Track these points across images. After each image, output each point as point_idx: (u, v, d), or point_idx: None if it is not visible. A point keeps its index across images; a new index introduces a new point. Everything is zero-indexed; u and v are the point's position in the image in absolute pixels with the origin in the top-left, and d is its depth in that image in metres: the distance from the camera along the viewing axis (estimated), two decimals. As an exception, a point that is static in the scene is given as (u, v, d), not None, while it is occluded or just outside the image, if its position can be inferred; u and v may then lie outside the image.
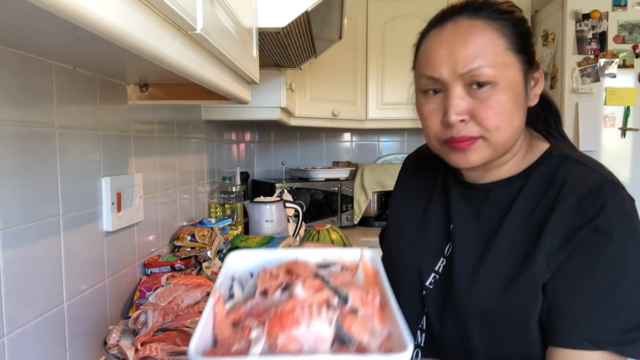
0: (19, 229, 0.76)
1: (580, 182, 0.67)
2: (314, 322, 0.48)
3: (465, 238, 0.77)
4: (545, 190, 0.70)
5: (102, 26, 0.42)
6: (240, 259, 0.64)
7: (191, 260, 1.35)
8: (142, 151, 1.25)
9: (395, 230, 0.90)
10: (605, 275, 0.64)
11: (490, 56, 0.67)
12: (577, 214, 0.65)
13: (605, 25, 2.24)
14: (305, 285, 0.52)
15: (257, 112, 1.82)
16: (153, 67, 0.86)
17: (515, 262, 0.69)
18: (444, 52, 0.69)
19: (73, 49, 0.75)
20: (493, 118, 0.67)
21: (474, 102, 0.68)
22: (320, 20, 1.27)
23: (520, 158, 0.76)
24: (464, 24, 0.69)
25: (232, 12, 0.79)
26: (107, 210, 1.03)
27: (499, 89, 0.67)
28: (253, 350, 0.46)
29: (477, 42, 0.67)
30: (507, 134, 0.69)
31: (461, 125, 0.69)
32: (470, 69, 0.67)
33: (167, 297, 0.85)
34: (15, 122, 0.75)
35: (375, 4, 2.61)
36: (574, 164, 0.72)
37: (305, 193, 2.47)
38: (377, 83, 2.65)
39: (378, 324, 0.51)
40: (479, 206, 0.77)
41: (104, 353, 0.80)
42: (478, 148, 0.70)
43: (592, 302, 0.64)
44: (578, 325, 0.64)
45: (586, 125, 2.26)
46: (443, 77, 0.69)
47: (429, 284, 0.80)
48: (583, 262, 0.65)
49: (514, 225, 0.71)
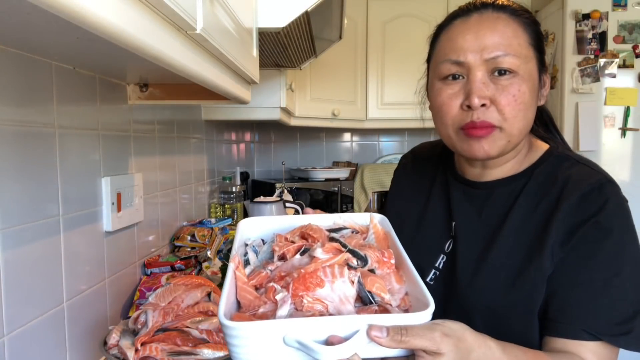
0: (19, 229, 0.76)
1: (582, 181, 0.70)
2: (337, 282, 0.49)
3: (468, 234, 0.78)
4: (548, 188, 0.73)
5: (102, 26, 0.42)
6: (251, 226, 0.65)
7: (191, 260, 1.35)
8: (142, 151, 1.25)
9: (394, 228, 0.90)
10: (603, 269, 0.66)
11: (514, 46, 0.70)
12: (580, 210, 0.68)
13: (605, 25, 2.24)
14: (324, 248, 0.54)
15: (257, 112, 1.82)
16: (153, 67, 0.86)
17: (520, 256, 0.71)
18: (471, 38, 0.71)
19: (73, 49, 0.75)
20: (513, 105, 0.69)
21: (495, 88, 0.70)
22: (320, 20, 1.27)
23: (522, 157, 0.78)
24: (490, 15, 0.72)
25: (232, 12, 0.79)
26: (107, 210, 1.03)
27: (519, 78, 0.70)
28: (280, 312, 0.47)
29: (504, 32, 0.70)
30: (522, 124, 0.71)
31: (482, 110, 0.70)
32: (497, 55, 0.69)
33: (167, 297, 0.85)
34: (15, 122, 0.75)
35: (375, 4, 2.61)
36: (575, 163, 0.74)
37: (305, 193, 2.47)
38: (377, 83, 2.65)
39: (395, 283, 0.52)
40: (482, 204, 0.79)
41: (104, 353, 0.80)
42: (494, 138, 0.71)
43: (590, 294, 0.66)
44: (576, 316, 0.66)
45: (586, 125, 2.26)
46: (469, 60, 0.71)
47: (430, 281, 0.82)
48: (583, 255, 0.67)
49: (518, 221, 0.73)
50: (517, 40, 0.70)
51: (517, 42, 0.70)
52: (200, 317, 0.82)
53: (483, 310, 0.73)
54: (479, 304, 0.74)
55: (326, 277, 0.49)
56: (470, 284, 0.75)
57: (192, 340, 0.79)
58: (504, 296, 0.72)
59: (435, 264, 0.82)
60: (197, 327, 0.80)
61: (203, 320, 0.82)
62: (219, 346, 0.78)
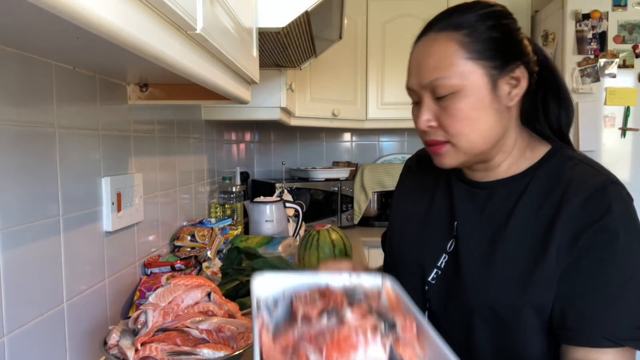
0: (19, 229, 0.76)
1: (586, 181, 0.70)
2: (370, 347, 0.50)
3: (470, 234, 0.79)
4: (551, 189, 0.73)
5: (102, 26, 0.42)
6: (265, 283, 0.66)
7: (191, 260, 1.35)
8: (142, 151, 1.25)
9: (398, 228, 0.93)
10: (617, 273, 0.66)
11: (447, 68, 0.72)
12: (584, 212, 0.68)
13: (605, 25, 2.24)
14: (353, 311, 0.54)
15: (257, 112, 1.82)
16: (153, 67, 0.86)
17: (523, 257, 0.72)
18: (414, 65, 0.77)
19: (73, 49, 0.75)
20: (454, 125, 0.73)
21: (439, 109, 0.74)
22: (320, 20, 1.27)
23: (517, 157, 0.79)
24: (429, 37, 0.75)
25: (232, 12, 0.79)
26: (107, 210, 1.03)
27: (459, 97, 0.72)
28: None
29: (436, 55, 0.73)
30: (473, 138, 0.74)
31: (431, 131, 0.76)
32: (430, 81, 0.73)
33: (167, 297, 0.85)
34: (15, 122, 0.75)
35: (375, 4, 2.61)
36: (578, 163, 0.75)
37: (305, 193, 2.47)
38: (377, 83, 2.65)
39: (419, 350, 0.53)
40: (484, 203, 0.80)
41: (104, 353, 0.80)
42: (448, 152, 0.76)
43: (606, 300, 0.66)
44: (595, 323, 0.66)
45: (586, 125, 2.26)
46: (414, 87, 0.77)
47: (432, 280, 0.82)
48: (593, 261, 0.67)
49: (521, 221, 0.74)
50: (451, 60, 0.72)
51: (451, 62, 0.71)
52: (200, 317, 0.82)
53: (484, 310, 0.74)
54: (480, 304, 0.74)
55: (359, 341, 0.50)
56: (472, 283, 0.75)
57: (192, 340, 0.79)
58: (505, 297, 0.72)
59: (437, 263, 0.83)
60: (197, 327, 0.80)
61: (203, 320, 0.82)
62: (219, 346, 0.78)
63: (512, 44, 0.74)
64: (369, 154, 3.08)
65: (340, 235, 1.53)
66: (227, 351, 0.77)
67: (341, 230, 1.57)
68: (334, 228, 1.56)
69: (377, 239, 1.08)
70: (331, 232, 1.52)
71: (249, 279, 1.16)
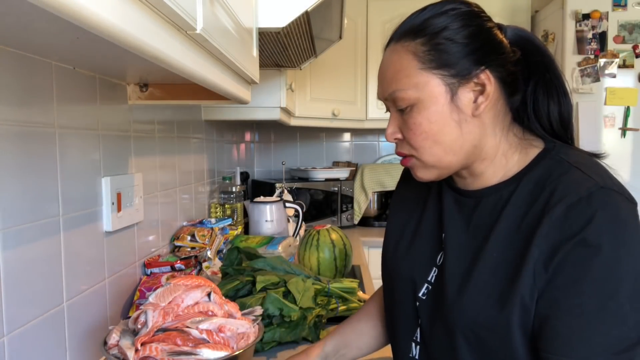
0: (19, 229, 0.76)
1: (570, 189, 0.62)
2: None
3: (455, 248, 0.73)
4: (535, 197, 0.66)
5: (102, 26, 0.42)
6: None
7: (191, 260, 1.35)
8: (142, 151, 1.25)
9: (393, 240, 0.88)
10: (595, 293, 0.58)
11: (401, 80, 0.69)
12: (565, 225, 0.60)
13: (605, 25, 2.24)
14: None
15: (257, 112, 1.82)
16: (153, 67, 0.86)
17: (503, 274, 0.65)
18: (378, 76, 0.76)
19: (73, 49, 0.75)
20: (414, 139, 0.70)
21: (403, 122, 0.72)
22: (320, 20, 1.27)
23: (504, 162, 0.72)
24: (390, 48, 0.73)
25: (232, 12, 0.79)
26: (107, 210, 1.03)
27: (417, 109, 0.69)
28: None
29: (393, 67, 0.71)
30: (435, 151, 0.70)
31: (398, 143, 0.75)
32: (389, 93, 0.71)
33: (167, 297, 0.85)
34: (15, 122, 0.75)
35: (375, 4, 2.61)
36: (568, 168, 0.66)
37: (305, 193, 2.47)
38: (377, 83, 2.65)
39: None
40: (470, 214, 0.74)
41: (104, 353, 0.80)
42: (416, 166, 0.74)
43: (581, 321, 0.59)
44: (567, 346, 0.59)
45: (586, 125, 2.26)
46: (380, 99, 0.76)
47: (422, 295, 0.77)
48: (571, 279, 0.60)
49: (502, 235, 0.67)
50: (405, 72, 0.69)
51: (405, 74, 0.69)
52: (200, 317, 0.82)
53: (465, 330, 0.68)
54: (461, 322, 0.68)
55: None
56: (454, 301, 0.69)
57: (192, 340, 0.79)
58: (485, 317, 0.66)
59: (427, 277, 0.77)
60: (197, 327, 0.80)
61: (203, 320, 0.82)
62: (219, 346, 0.78)
63: (475, 48, 0.67)
64: (369, 154, 3.08)
65: (340, 235, 1.53)
66: (227, 351, 0.77)
67: (341, 230, 1.57)
68: (334, 228, 1.56)
69: (377, 239, 1.08)
70: (331, 232, 1.52)
71: (249, 279, 1.16)
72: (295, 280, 1.12)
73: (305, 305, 1.09)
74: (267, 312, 1.05)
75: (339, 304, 1.20)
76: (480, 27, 0.68)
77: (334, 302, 1.20)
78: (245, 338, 0.83)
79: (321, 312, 1.14)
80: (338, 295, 1.21)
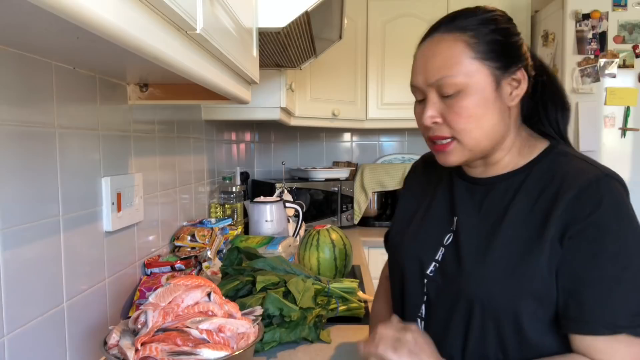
0: (19, 229, 0.76)
1: (579, 175, 0.74)
2: None
3: (469, 228, 0.83)
4: (547, 184, 0.76)
5: (102, 26, 0.42)
6: None
7: (191, 260, 1.35)
8: (142, 151, 1.25)
9: (402, 225, 0.96)
10: (611, 266, 0.69)
11: (453, 67, 0.76)
12: (577, 206, 0.71)
13: (605, 25, 2.24)
14: None
15: (257, 112, 1.82)
16: (153, 67, 0.86)
17: (518, 249, 0.75)
18: (420, 64, 0.80)
19: (73, 49, 0.75)
20: (459, 121, 0.77)
21: (445, 107, 0.78)
22: (320, 20, 1.27)
23: (516, 154, 0.83)
24: (436, 38, 0.79)
25: (232, 12, 0.79)
26: (107, 210, 1.03)
27: (464, 95, 0.76)
28: None
29: (443, 55, 0.77)
30: (476, 134, 0.78)
31: (436, 127, 0.80)
32: (436, 79, 0.77)
33: (167, 297, 0.85)
34: (15, 122, 0.75)
35: (375, 4, 2.61)
36: (573, 159, 0.79)
37: (305, 193, 2.47)
38: (377, 83, 2.65)
39: None
40: (482, 199, 0.83)
41: (104, 353, 0.80)
42: (454, 149, 0.80)
43: (603, 290, 0.69)
44: (593, 313, 0.69)
45: (586, 125, 2.26)
46: (420, 85, 0.80)
47: (430, 272, 0.85)
48: (587, 255, 0.70)
49: (517, 215, 0.77)
50: (457, 59, 0.76)
51: (457, 62, 0.76)
52: (200, 317, 0.82)
53: (483, 300, 0.76)
54: (479, 294, 0.77)
55: None
56: (472, 274, 0.78)
57: (192, 340, 0.79)
58: (502, 286, 0.75)
59: (435, 257, 0.86)
60: (197, 327, 0.80)
61: (203, 320, 0.82)
62: (219, 346, 0.78)
63: (513, 47, 0.79)
64: (369, 154, 3.08)
65: (340, 235, 1.53)
66: (227, 351, 0.77)
67: (341, 230, 1.57)
68: (334, 228, 1.56)
69: (377, 239, 1.08)
70: (331, 232, 1.52)
71: (249, 279, 1.16)
72: (295, 280, 1.12)
73: (305, 305, 1.09)
74: (267, 312, 1.05)
75: (339, 304, 1.20)
76: (519, 34, 0.81)
77: (334, 302, 1.20)
78: (245, 338, 0.83)
79: (321, 312, 1.14)
80: (338, 295, 1.21)
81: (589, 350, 0.70)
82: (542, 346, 0.75)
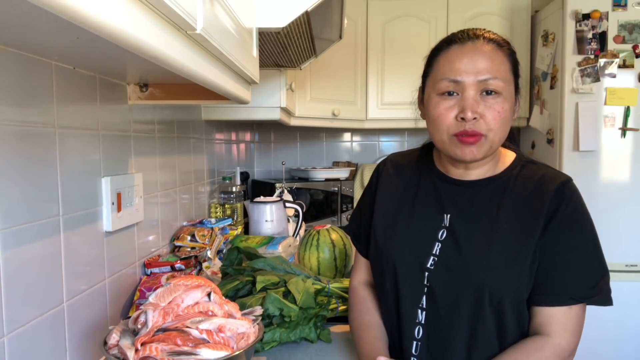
0: (19, 229, 0.76)
1: (554, 177, 0.89)
2: None
3: (464, 222, 0.91)
4: (528, 186, 0.89)
5: (102, 26, 0.42)
6: None
7: (191, 260, 1.35)
8: (142, 151, 1.25)
9: (386, 226, 1.00)
10: (577, 249, 0.86)
11: (501, 71, 0.86)
12: (555, 201, 0.86)
13: (605, 25, 2.24)
14: None
15: (257, 112, 1.82)
16: (153, 67, 0.86)
17: (515, 239, 0.86)
18: (467, 61, 0.86)
19: (73, 49, 0.75)
20: (497, 120, 0.85)
21: (484, 105, 0.85)
22: (320, 20, 1.27)
23: (496, 161, 0.94)
24: (482, 44, 0.87)
25: (232, 12, 0.79)
26: (107, 210, 1.03)
27: (502, 98, 0.85)
28: None
29: (493, 59, 0.86)
30: (501, 135, 0.88)
31: (473, 122, 0.85)
32: (487, 78, 0.85)
33: (167, 297, 0.85)
34: (15, 122, 0.75)
35: (375, 4, 2.61)
36: (541, 166, 0.93)
37: (305, 193, 2.47)
38: (377, 83, 2.65)
39: None
40: (472, 197, 0.93)
41: (104, 353, 0.79)
42: (481, 144, 0.87)
43: (571, 268, 0.85)
44: (564, 287, 0.85)
45: (586, 125, 2.26)
46: (464, 80, 0.85)
47: (430, 265, 0.91)
48: (562, 240, 0.85)
49: (509, 211, 0.88)
50: (503, 66, 0.86)
51: (503, 69, 0.86)
52: (200, 317, 0.82)
53: (492, 286, 0.85)
54: (488, 282, 0.85)
55: None
56: (481, 263, 0.86)
57: (192, 340, 0.79)
58: (508, 274, 0.85)
59: (432, 251, 0.92)
60: (197, 327, 0.80)
61: (203, 320, 0.82)
62: (219, 346, 0.78)
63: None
64: (369, 154, 3.08)
65: (340, 235, 1.53)
66: (227, 351, 0.77)
67: (341, 230, 1.57)
68: (334, 228, 1.56)
69: (377, 239, 1.08)
70: (331, 232, 1.52)
71: (249, 279, 1.16)
72: (295, 280, 1.12)
73: (305, 305, 1.09)
74: (267, 312, 1.05)
75: (339, 304, 1.20)
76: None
77: (334, 302, 1.20)
78: (245, 338, 0.83)
79: (321, 312, 1.14)
80: (338, 295, 1.21)
81: (551, 321, 0.85)
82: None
